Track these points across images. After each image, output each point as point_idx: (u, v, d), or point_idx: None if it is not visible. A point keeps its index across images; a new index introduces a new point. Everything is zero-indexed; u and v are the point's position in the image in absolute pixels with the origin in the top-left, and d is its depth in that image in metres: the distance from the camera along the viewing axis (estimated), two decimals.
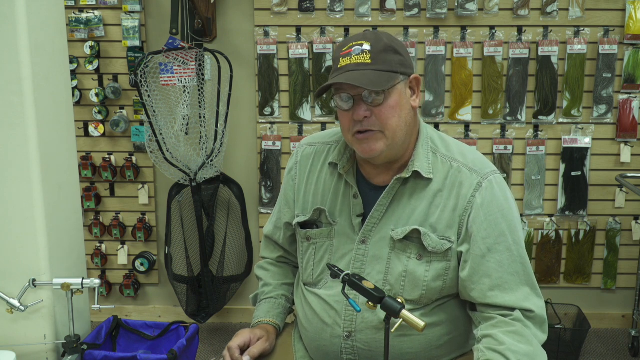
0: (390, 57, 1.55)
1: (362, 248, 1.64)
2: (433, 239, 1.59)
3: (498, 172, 1.64)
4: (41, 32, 1.90)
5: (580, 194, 3.33)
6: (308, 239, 1.73)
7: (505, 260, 1.56)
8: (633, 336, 3.21)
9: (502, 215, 1.58)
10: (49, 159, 1.94)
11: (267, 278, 1.90)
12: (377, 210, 1.62)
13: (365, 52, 1.54)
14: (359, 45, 1.55)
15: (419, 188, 1.61)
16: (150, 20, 3.31)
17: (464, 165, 1.61)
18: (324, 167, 1.73)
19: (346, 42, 1.59)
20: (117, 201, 3.46)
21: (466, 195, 1.58)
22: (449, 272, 1.60)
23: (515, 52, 3.21)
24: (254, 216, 3.44)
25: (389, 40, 1.57)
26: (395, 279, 1.61)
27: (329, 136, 1.79)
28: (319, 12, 3.23)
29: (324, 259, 1.70)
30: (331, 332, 1.66)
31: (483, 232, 1.56)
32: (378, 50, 1.54)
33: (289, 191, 1.80)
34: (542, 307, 1.58)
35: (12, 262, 1.93)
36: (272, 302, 1.84)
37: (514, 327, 1.53)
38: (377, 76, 1.52)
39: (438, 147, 1.65)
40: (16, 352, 1.91)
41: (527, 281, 1.58)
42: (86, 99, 3.34)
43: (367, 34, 1.58)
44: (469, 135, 3.29)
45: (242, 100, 3.35)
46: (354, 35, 1.61)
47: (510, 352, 1.49)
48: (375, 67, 1.53)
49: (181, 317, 3.39)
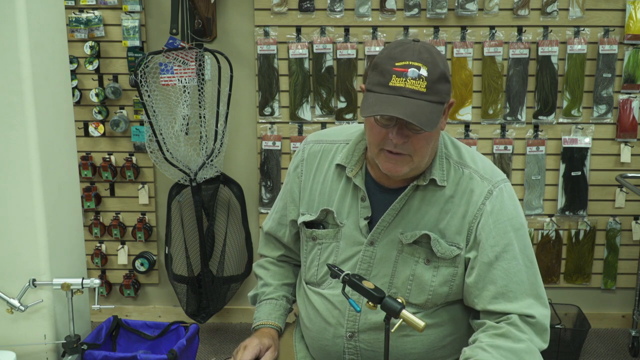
0: (443, 87, 1.50)
1: (369, 250, 1.64)
2: (442, 245, 1.59)
3: (508, 180, 1.65)
4: (41, 32, 1.90)
5: (580, 194, 3.33)
6: (314, 239, 1.72)
7: (511, 269, 1.56)
8: (633, 336, 3.21)
9: (511, 224, 1.58)
10: (49, 159, 1.94)
11: (267, 278, 1.89)
12: (389, 213, 1.62)
13: (422, 79, 1.47)
14: (416, 68, 1.47)
15: (430, 194, 1.61)
16: (150, 20, 3.31)
17: (476, 172, 1.62)
18: (331, 167, 1.71)
19: (400, 54, 1.49)
20: (117, 201, 3.47)
21: (477, 203, 1.59)
22: (455, 278, 1.60)
23: (515, 52, 3.22)
24: (254, 216, 3.44)
25: (444, 66, 1.51)
26: (402, 282, 1.61)
27: (336, 135, 1.76)
28: (319, 12, 3.23)
29: (329, 260, 1.69)
30: (334, 332, 1.66)
31: (491, 240, 1.57)
32: (434, 79, 1.48)
33: (294, 188, 1.77)
34: (545, 316, 1.57)
35: (12, 262, 1.93)
36: (273, 304, 1.83)
37: (501, 329, 1.53)
38: (432, 111, 1.47)
39: (451, 153, 1.65)
40: (16, 352, 1.91)
41: (533, 291, 1.57)
42: (86, 99, 3.34)
43: (424, 55, 1.49)
44: (469, 135, 3.29)
45: (242, 100, 3.36)
46: (406, 47, 1.51)
47: (489, 346, 1.50)
48: (429, 98, 1.47)
49: (181, 317, 3.39)
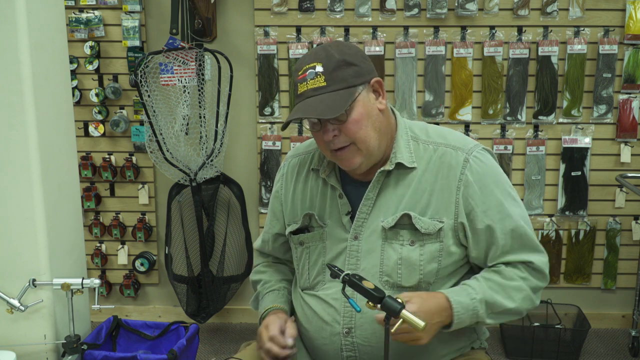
0: (345, 73, 1.56)
1: (354, 244, 1.66)
2: (424, 221, 1.62)
3: (480, 145, 1.69)
4: (41, 32, 1.90)
5: (580, 194, 3.33)
6: (301, 244, 1.76)
7: (507, 226, 1.62)
8: (633, 336, 3.21)
9: (495, 184, 1.64)
10: (49, 159, 1.94)
11: (265, 277, 1.90)
12: (365, 204, 1.66)
13: (319, 75, 1.55)
14: (312, 69, 1.56)
15: (403, 176, 1.65)
16: (150, 20, 3.31)
17: (447, 145, 1.66)
18: (309, 174, 1.77)
19: (300, 65, 1.60)
20: (117, 201, 3.47)
21: (455, 174, 1.62)
22: (442, 253, 1.63)
23: (515, 52, 3.21)
24: (254, 216, 3.44)
25: (340, 54, 1.57)
26: (391, 268, 1.63)
27: (310, 144, 1.82)
28: (319, 12, 3.23)
29: (318, 261, 1.72)
30: (331, 330, 1.67)
31: (482, 206, 1.61)
32: (330, 69, 1.55)
33: (276, 205, 1.85)
34: (543, 262, 1.65)
35: (12, 262, 1.93)
36: (276, 293, 1.84)
37: (499, 268, 1.64)
38: (334, 99, 1.54)
39: (417, 134, 1.68)
40: (16, 352, 1.91)
41: (529, 242, 1.64)
42: (86, 99, 3.34)
43: (318, 53, 1.58)
44: (468, 135, 3.29)
45: (242, 100, 3.36)
46: (306, 55, 1.61)
47: (482, 277, 1.61)
48: (331, 88, 1.54)
49: (181, 317, 3.39)
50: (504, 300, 1.60)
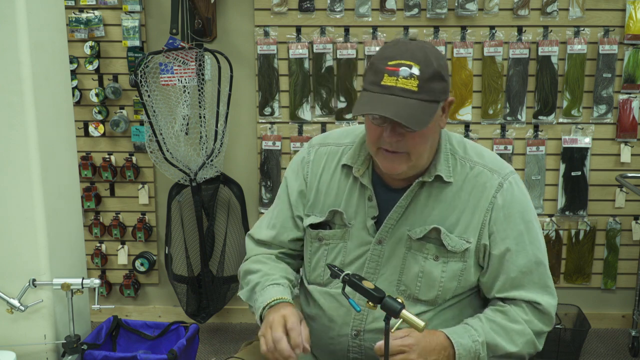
0: (437, 86, 1.49)
1: (377, 249, 1.64)
2: (452, 239, 1.60)
3: (515, 172, 1.67)
4: (41, 32, 1.90)
5: (580, 194, 3.33)
6: (320, 240, 1.70)
7: (521, 260, 1.59)
8: (633, 336, 3.21)
9: (521, 216, 1.61)
10: (49, 159, 1.94)
11: (266, 269, 1.74)
12: (396, 211, 1.62)
13: (414, 78, 1.46)
14: (407, 67, 1.47)
15: (437, 189, 1.62)
16: (150, 20, 3.31)
17: (484, 166, 1.63)
18: (337, 168, 1.71)
19: (394, 53, 1.50)
20: (117, 201, 3.47)
21: (488, 196, 1.60)
22: (464, 272, 1.62)
23: (515, 52, 3.21)
24: (254, 216, 3.43)
25: (438, 65, 1.50)
26: (411, 279, 1.62)
27: (342, 137, 1.75)
28: (319, 12, 3.23)
29: (337, 261, 1.68)
30: (339, 331, 1.66)
31: (502, 233, 1.59)
32: (426, 78, 1.47)
33: (302, 187, 1.73)
34: (551, 305, 1.63)
35: (12, 262, 1.93)
36: (281, 287, 1.68)
37: (504, 307, 1.61)
38: (422, 110, 1.47)
39: (456, 149, 1.65)
40: (16, 352, 1.91)
41: (541, 281, 1.62)
42: (86, 99, 3.34)
43: (416, 53, 1.48)
44: (468, 135, 3.29)
45: (242, 100, 3.36)
46: (399, 45, 1.52)
47: (486, 318, 1.59)
48: (420, 97, 1.47)
49: (181, 317, 3.39)
50: (506, 344, 1.58)
